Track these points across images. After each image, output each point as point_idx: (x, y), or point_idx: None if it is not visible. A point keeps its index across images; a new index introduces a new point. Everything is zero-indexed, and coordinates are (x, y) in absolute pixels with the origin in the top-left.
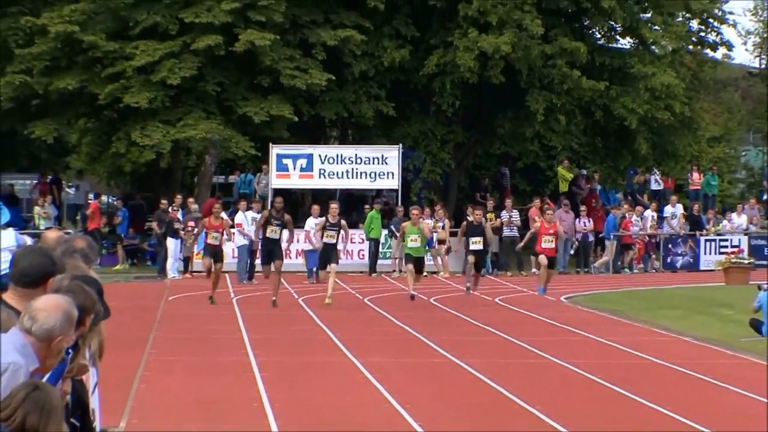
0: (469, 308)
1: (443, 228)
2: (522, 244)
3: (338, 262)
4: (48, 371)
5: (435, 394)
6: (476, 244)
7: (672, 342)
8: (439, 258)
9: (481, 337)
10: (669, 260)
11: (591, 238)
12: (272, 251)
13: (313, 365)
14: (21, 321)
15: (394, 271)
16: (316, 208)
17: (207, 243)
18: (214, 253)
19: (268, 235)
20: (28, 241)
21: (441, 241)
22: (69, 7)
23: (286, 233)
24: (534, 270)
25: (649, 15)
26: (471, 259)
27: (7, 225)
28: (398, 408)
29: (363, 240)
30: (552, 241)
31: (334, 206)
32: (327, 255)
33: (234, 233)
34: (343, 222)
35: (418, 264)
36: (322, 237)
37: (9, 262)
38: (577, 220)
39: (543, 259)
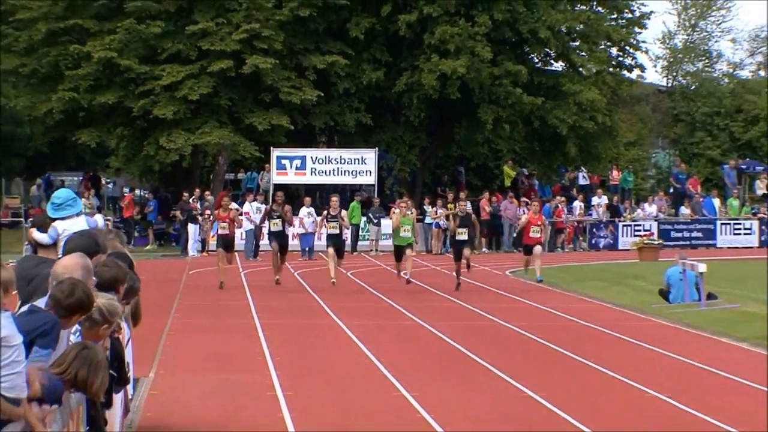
0: (432, 280)
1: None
2: (516, 229)
3: (343, 256)
4: (100, 340)
5: (405, 349)
6: (462, 234)
7: (596, 308)
8: None
9: (442, 304)
10: (593, 241)
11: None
12: (281, 242)
13: (306, 327)
14: (51, 287)
15: (371, 250)
16: (308, 199)
17: (218, 234)
18: (225, 243)
19: (271, 228)
20: (100, 222)
21: None
22: (109, 37)
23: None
24: (484, 249)
25: (577, 43)
26: (457, 263)
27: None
28: (375, 361)
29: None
30: (539, 231)
31: (334, 200)
32: (333, 243)
33: (243, 220)
34: (343, 212)
35: (409, 247)
36: (326, 228)
37: None
38: (519, 208)
39: (527, 257)
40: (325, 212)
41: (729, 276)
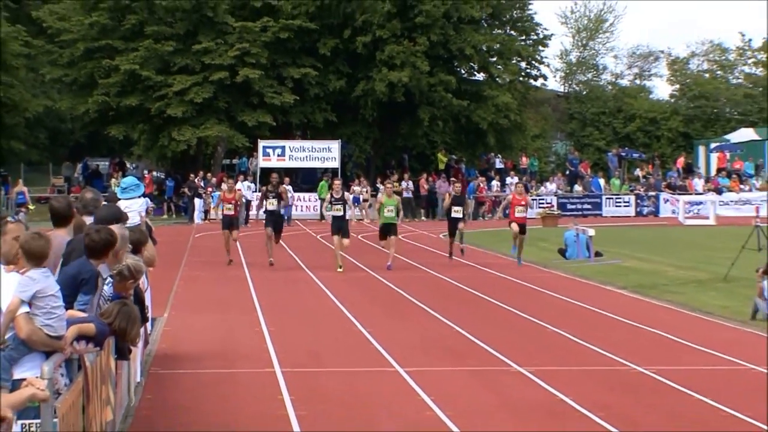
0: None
1: (366, 191)
2: (499, 213)
3: (349, 236)
4: (128, 294)
5: (361, 295)
6: (457, 212)
7: (508, 263)
8: (363, 210)
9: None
10: (507, 212)
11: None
12: (275, 222)
13: (285, 278)
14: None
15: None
16: (287, 179)
17: (223, 214)
18: (229, 223)
19: (267, 207)
20: (150, 203)
21: (365, 200)
22: (132, 54)
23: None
24: (423, 218)
25: (495, 59)
26: (451, 238)
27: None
28: (339, 304)
29: (316, 199)
30: (524, 210)
31: (337, 183)
32: (337, 226)
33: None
34: (347, 195)
35: (393, 229)
36: (330, 210)
37: (137, 221)
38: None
39: (515, 227)
40: (329, 195)
41: (612, 239)
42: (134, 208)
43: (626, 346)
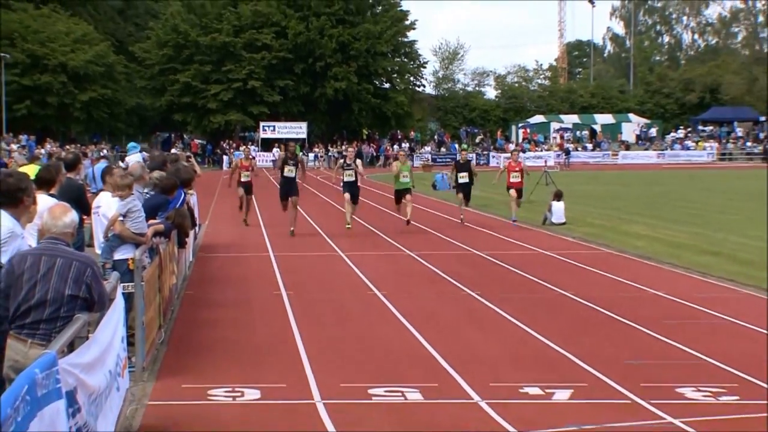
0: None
1: (321, 157)
2: (497, 178)
3: (357, 202)
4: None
5: (325, 214)
6: (463, 178)
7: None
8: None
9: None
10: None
11: (374, 155)
12: (289, 189)
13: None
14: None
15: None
16: (275, 145)
17: (239, 180)
18: (246, 188)
19: (285, 174)
20: (146, 155)
21: (322, 156)
22: (187, 72)
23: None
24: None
25: (395, 75)
26: (460, 196)
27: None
28: (310, 220)
29: None
30: (518, 176)
31: (350, 150)
32: (350, 191)
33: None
34: (358, 162)
35: (408, 192)
36: (342, 176)
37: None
38: (370, 148)
39: (513, 192)
40: (342, 161)
41: None
42: (134, 158)
43: (470, 240)
